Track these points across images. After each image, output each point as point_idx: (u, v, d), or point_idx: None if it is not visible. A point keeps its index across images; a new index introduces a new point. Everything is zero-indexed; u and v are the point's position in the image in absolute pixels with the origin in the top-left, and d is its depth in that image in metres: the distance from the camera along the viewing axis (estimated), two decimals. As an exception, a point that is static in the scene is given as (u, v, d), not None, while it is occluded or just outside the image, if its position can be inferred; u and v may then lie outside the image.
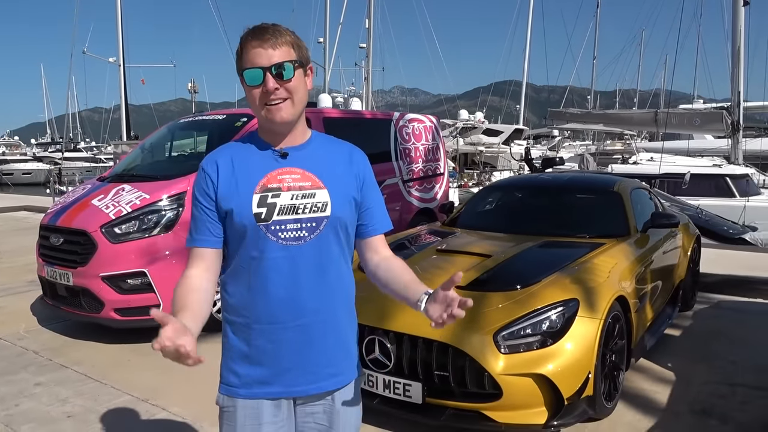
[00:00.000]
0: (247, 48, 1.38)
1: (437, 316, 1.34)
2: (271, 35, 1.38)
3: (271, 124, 1.43)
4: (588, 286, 3.07)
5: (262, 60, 1.36)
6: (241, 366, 1.48)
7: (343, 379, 1.53)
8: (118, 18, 21.24)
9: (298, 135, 1.49)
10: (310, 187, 1.44)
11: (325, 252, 1.45)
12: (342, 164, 1.51)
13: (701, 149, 17.72)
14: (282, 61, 1.37)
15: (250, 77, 1.38)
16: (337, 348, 1.52)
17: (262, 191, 1.42)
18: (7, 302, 5.69)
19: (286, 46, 1.39)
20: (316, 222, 1.43)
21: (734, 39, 13.27)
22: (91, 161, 42.46)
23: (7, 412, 3.32)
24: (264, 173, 1.44)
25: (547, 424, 2.78)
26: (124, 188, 4.60)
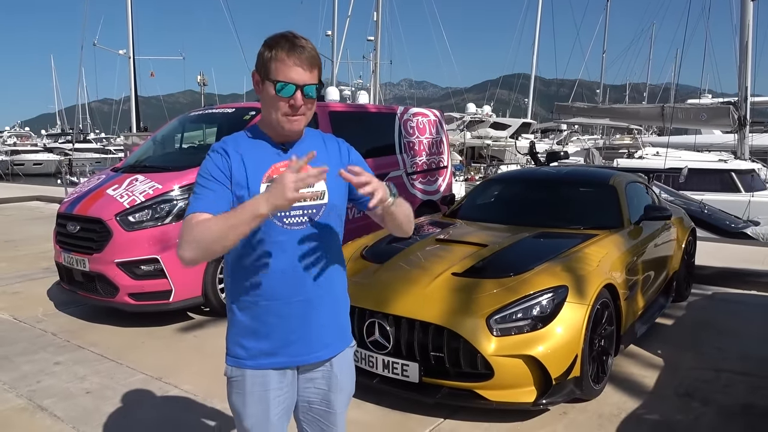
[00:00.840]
0: (284, 61, 1.51)
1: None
2: (308, 56, 1.52)
3: (283, 131, 1.58)
4: (578, 274, 3.24)
5: (297, 77, 1.51)
6: (248, 340, 1.61)
7: (338, 347, 1.70)
8: (128, 10, 21.46)
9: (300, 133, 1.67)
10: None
11: (322, 234, 1.62)
12: (334, 155, 1.68)
13: (708, 144, 17.72)
14: (313, 83, 1.54)
15: (283, 90, 1.51)
16: (334, 320, 1.68)
17: (268, 181, 1.55)
18: (25, 287, 5.92)
19: (316, 68, 1.55)
20: (316, 209, 1.60)
21: (742, 34, 13.28)
22: (101, 152, 42.85)
23: (29, 387, 3.54)
24: (269, 165, 1.58)
25: (536, 403, 2.95)
26: (137, 178, 4.80)
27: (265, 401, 1.63)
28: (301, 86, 1.52)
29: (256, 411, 1.63)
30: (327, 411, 1.71)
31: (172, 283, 4.48)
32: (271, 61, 1.53)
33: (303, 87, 1.52)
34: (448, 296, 3.14)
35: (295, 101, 1.52)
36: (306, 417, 1.74)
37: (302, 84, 1.52)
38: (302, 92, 1.52)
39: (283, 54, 1.51)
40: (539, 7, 39.89)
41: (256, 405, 1.63)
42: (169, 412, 3.21)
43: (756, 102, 17.35)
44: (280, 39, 1.53)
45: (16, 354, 4.09)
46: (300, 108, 1.54)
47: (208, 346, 4.23)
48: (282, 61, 1.51)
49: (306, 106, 1.56)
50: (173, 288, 4.49)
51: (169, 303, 4.53)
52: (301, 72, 1.52)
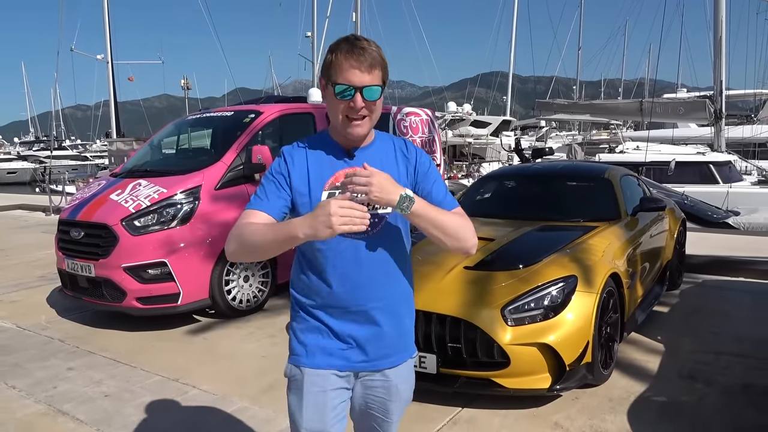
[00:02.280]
0: (343, 64, 1.49)
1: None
2: (367, 58, 1.49)
3: (348, 135, 1.55)
4: (585, 264, 3.36)
5: (355, 79, 1.48)
6: (309, 338, 1.60)
7: (399, 359, 1.67)
8: (105, 15, 21.21)
9: (366, 137, 1.64)
10: None
11: (385, 244, 1.59)
12: (400, 160, 1.64)
13: (685, 137, 18.12)
14: (373, 84, 1.50)
15: (342, 92, 1.49)
16: (395, 331, 1.65)
17: (331, 188, 1.55)
18: (23, 296, 5.88)
19: (377, 69, 1.51)
20: (378, 218, 1.56)
21: (716, 29, 13.63)
22: (78, 159, 42.16)
23: (47, 393, 3.55)
24: (333, 171, 1.57)
25: (551, 389, 3.07)
26: (140, 183, 4.82)
27: (322, 402, 1.60)
28: (360, 88, 1.49)
29: (312, 412, 1.60)
30: (383, 419, 1.71)
31: (180, 286, 4.51)
32: (332, 65, 1.52)
33: (362, 89, 1.49)
34: (463, 289, 3.24)
35: (355, 104, 1.50)
36: (361, 421, 1.74)
37: (360, 86, 1.49)
38: (362, 94, 1.50)
39: (341, 57, 1.50)
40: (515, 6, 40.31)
41: (312, 405, 1.60)
42: (191, 412, 3.26)
43: (731, 95, 17.80)
44: (341, 42, 1.52)
45: (26, 361, 4.09)
46: (360, 110, 1.51)
47: (219, 347, 4.27)
48: (340, 64, 1.50)
49: (368, 108, 1.53)
50: (181, 291, 4.52)
51: (178, 306, 4.56)
52: (359, 74, 1.49)
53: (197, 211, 4.63)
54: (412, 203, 1.46)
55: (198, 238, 4.61)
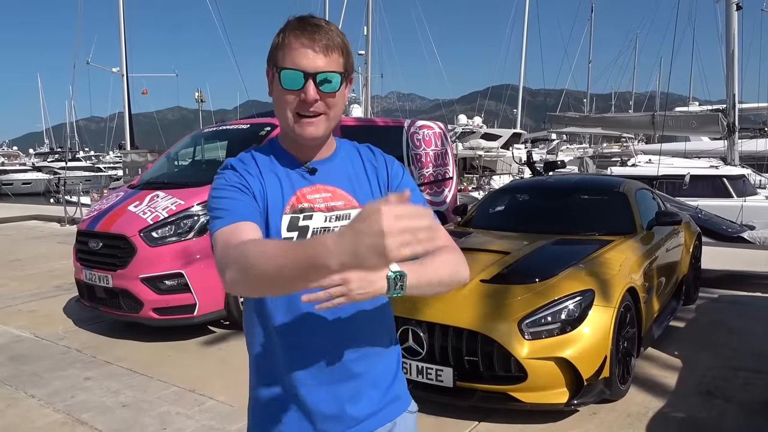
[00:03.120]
0: (292, 43, 1.16)
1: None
2: (324, 36, 1.16)
3: (298, 138, 1.22)
4: (602, 278, 3.36)
5: (307, 63, 1.15)
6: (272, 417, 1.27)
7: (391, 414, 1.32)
8: (121, 30, 21.53)
9: (325, 147, 1.29)
10: (343, 207, 1.26)
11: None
12: (370, 173, 1.34)
13: (698, 151, 18.07)
14: (330, 70, 1.17)
15: (289, 79, 1.16)
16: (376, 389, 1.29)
17: (293, 212, 1.22)
18: (40, 306, 5.95)
19: (336, 52, 1.18)
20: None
21: (728, 42, 13.62)
22: (92, 170, 42.68)
23: (65, 402, 3.59)
24: (292, 192, 1.24)
25: (569, 403, 3.06)
26: (158, 195, 4.88)
27: None
28: (313, 74, 1.15)
29: None
30: None
31: (196, 297, 4.55)
32: (279, 48, 1.18)
33: (315, 75, 1.15)
34: (479, 302, 3.24)
35: (306, 94, 1.15)
36: None
37: (313, 71, 1.15)
38: (314, 82, 1.15)
39: (292, 36, 1.16)
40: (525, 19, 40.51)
41: None
42: (208, 422, 3.28)
43: (744, 109, 17.72)
44: (291, 20, 1.20)
45: (44, 370, 4.13)
46: (314, 104, 1.17)
47: (235, 358, 4.29)
48: (290, 44, 1.16)
49: (324, 102, 1.18)
50: (197, 302, 4.56)
51: (194, 317, 4.60)
52: (311, 55, 1.15)
53: (214, 222, 4.67)
54: (404, 280, 1.07)
55: (214, 250, 4.64)
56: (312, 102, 1.16)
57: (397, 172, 1.35)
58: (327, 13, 27.94)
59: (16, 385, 3.87)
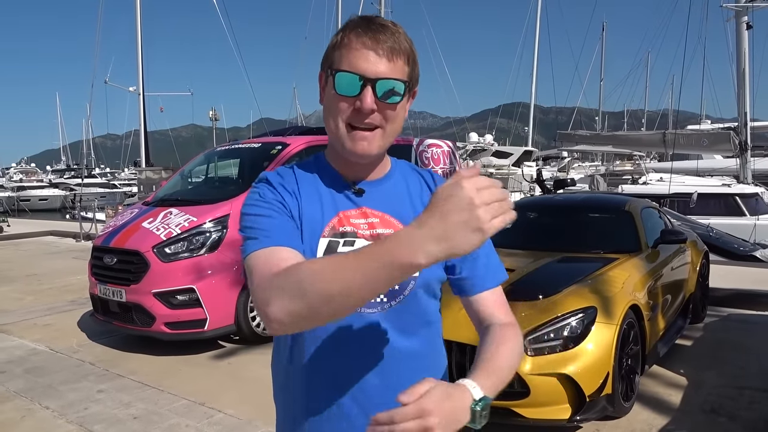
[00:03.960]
0: (353, 42, 1.01)
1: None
2: (390, 38, 1.01)
3: (347, 154, 1.06)
4: (604, 296, 3.40)
5: (367, 66, 0.99)
6: None
7: None
8: (138, 51, 22.01)
9: (378, 166, 1.14)
10: None
11: (407, 324, 1.09)
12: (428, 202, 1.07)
13: (710, 169, 18.00)
14: (393, 77, 1.00)
15: (345, 84, 1.00)
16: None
17: (333, 235, 1.07)
18: (55, 320, 6.07)
19: (402, 58, 1.02)
20: (400, 285, 1.06)
21: (739, 61, 13.66)
22: (107, 187, 43.30)
23: (78, 414, 3.68)
24: (334, 212, 1.09)
25: (571, 419, 3.09)
26: (171, 212, 5.01)
27: None
28: (373, 80, 0.99)
29: None
30: None
31: (207, 312, 4.64)
32: (337, 48, 1.03)
33: (376, 81, 0.99)
34: (483, 318, 3.29)
35: (362, 102, 0.99)
36: None
37: (374, 77, 0.99)
38: (374, 90, 0.99)
39: (352, 35, 1.01)
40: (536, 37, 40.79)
41: None
42: (217, 435, 3.35)
43: (756, 127, 17.65)
44: (354, 18, 1.06)
45: (59, 383, 4.23)
46: (370, 115, 1.01)
47: (244, 372, 4.36)
48: (350, 43, 1.01)
49: (382, 114, 1.02)
50: (208, 317, 4.65)
51: (204, 331, 4.68)
52: (373, 58, 0.99)
53: (225, 239, 4.79)
54: (487, 405, 0.89)
55: (225, 266, 4.75)
56: (368, 112, 1.00)
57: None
58: (339, 33, 28.37)
59: (32, 397, 3.97)
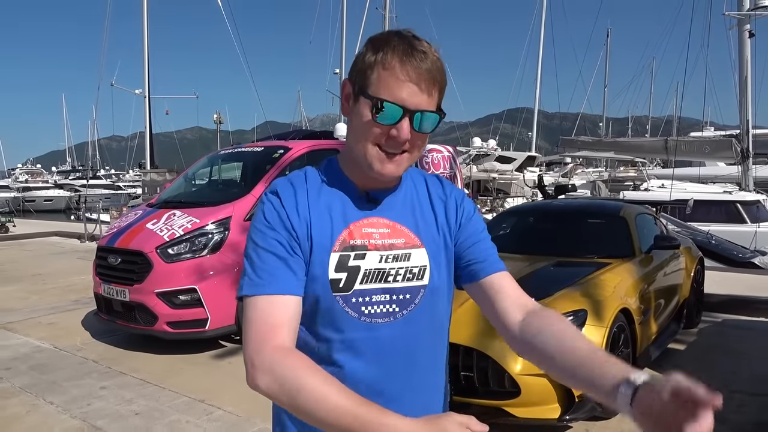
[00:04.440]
0: (394, 69, 1.01)
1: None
2: (432, 68, 1.03)
3: (375, 174, 1.07)
4: (595, 299, 3.49)
5: (408, 99, 1.01)
6: None
7: None
8: (144, 54, 22.22)
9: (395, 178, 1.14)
10: (403, 245, 1.11)
11: (419, 329, 1.11)
12: (437, 206, 1.19)
13: (712, 176, 18.03)
14: (430, 110, 1.04)
15: (388, 115, 1.02)
16: None
17: (343, 249, 1.07)
18: (59, 319, 6.18)
19: (437, 88, 1.05)
20: (411, 293, 1.10)
21: (741, 69, 13.72)
22: (111, 188, 43.54)
23: (81, 410, 3.77)
24: (345, 224, 1.09)
25: (560, 419, 3.17)
26: (175, 213, 5.11)
27: None
28: (412, 112, 1.02)
29: None
30: None
31: (208, 312, 4.74)
32: (374, 68, 1.03)
33: (414, 113, 1.02)
34: (475, 320, 3.38)
35: (399, 132, 1.03)
36: None
37: (414, 109, 1.02)
38: (411, 122, 1.03)
39: (395, 61, 1.01)
40: (541, 43, 40.93)
41: None
42: (217, 431, 3.43)
43: (758, 134, 17.70)
44: (392, 36, 1.04)
45: (62, 379, 4.33)
46: (404, 144, 1.04)
47: (243, 371, 4.43)
48: (391, 70, 1.01)
49: (414, 143, 1.06)
50: (209, 316, 4.75)
51: (205, 331, 4.78)
52: (416, 92, 1.02)
53: (227, 240, 4.89)
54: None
55: (227, 267, 4.85)
56: (403, 141, 1.04)
57: (468, 210, 1.21)
58: (344, 34, 28.55)
59: (36, 393, 4.07)
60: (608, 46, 50.22)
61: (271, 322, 0.99)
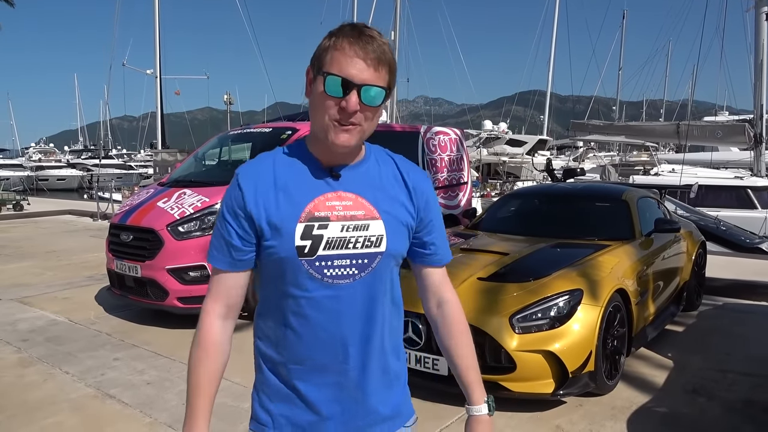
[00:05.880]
0: (346, 50, 1.17)
1: None
2: (377, 49, 1.18)
3: (330, 145, 1.21)
4: (592, 279, 3.57)
5: (356, 73, 1.16)
6: (277, 405, 1.31)
7: (391, 426, 1.35)
8: (156, 34, 22.27)
9: (354, 153, 1.29)
10: (363, 216, 1.25)
11: (375, 290, 1.27)
12: (400, 189, 1.32)
13: (725, 161, 17.88)
14: (376, 84, 1.18)
15: (334, 86, 1.16)
16: (384, 393, 1.33)
17: (308, 220, 1.22)
18: (73, 293, 6.37)
19: (385, 68, 1.19)
20: (368, 258, 1.25)
21: (757, 53, 13.54)
22: (123, 168, 43.89)
23: (95, 379, 3.94)
24: (311, 197, 1.24)
25: (554, 393, 3.28)
26: (185, 192, 5.24)
27: None
28: (359, 85, 1.16)
29: None
30: None
31: (217, 288, 4.87)
32: (328, 51, 1.19)
33: (361, 87, 1.16)
34: (475, 298, 3.49)
35: (348, 104, 1.16)
36: None
37: (360, 83, 1.16)
38: (359, 94, 1.16)
39: (344, 42, 1.17)
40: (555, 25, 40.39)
41: None
42: (225, 400, 3.58)
43: (772, 119, 17.46)
44: (345, 26, 1.22)
45: (77, 351, 4.51)
46: (353, 115, 1.18)
47: (249, 345, 4.55)
48: (341, 50, 1.17)
49: (364, 115, 1.19)
50: (218, 292, 4.88)
51: (214, 306, 4.91)
52: (362, 67, 1.16)
53: (235, 219, 5.00)
54: (491, 398, 1.44)
55: (235, 245, 4.97)
56: (352, 112, 1.17)
57: (425, 189, 1.35)
58: (355, 16, 28.34)
59: (53, 363, 4.24)
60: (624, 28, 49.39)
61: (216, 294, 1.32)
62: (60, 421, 3.34)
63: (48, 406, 3.52)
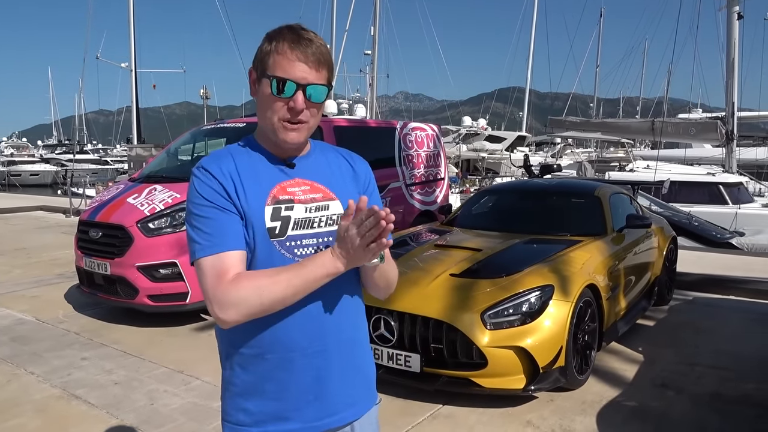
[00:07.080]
0: (285, 53, 1.27)
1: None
2: (317, 51, 1.28)
3: (281, 142, 1.32)
4: (562, 275, 3.59)
5: (299, 74, 1.26)
6: (252, 402, 1.32)
7: (364, 406, 1.43)
8: (130, 25, 21.90)
9: (302, 147, 1.40)
10: (321, 198, 1.36)
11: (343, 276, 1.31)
12: (347, 173, 1.45)
13: (698, 158, 18.22)
14: (319, 83, 1.29)
15: (281, 89, 1.27)
16: (356, 374, 1.41)
17: (275, 203, 1.31)
18: (42, 292, 6.22)
19: (325, 68, 1.30)
20: (332, 236, 1.33)
21: (728, 52, 13.77)
22: (99, 163, 43.10)
23: (62, 379, 3.85)
24: (272, 185, 1.33)
25: (525, 389, 3.29)
26: (156, 188, 5.14)
27: None
28: (304, 86, 1.27)
29: None
30: None
31: (188, 286, 4.80)
32: (270, 55, 1.28)
33: (306, 87, 1.27)
34: (447, 294, 3.48)
35: (295, 103, 1.27)
36: None
37: (305, 83, 1.27)
38: (304, 93, 1.27)
39: (285, 46, 1.27)
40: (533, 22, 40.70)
41: None
42: (194, 400, 3.53)
43: (743, 117, 17.83)
44: (283, 29, 1.30)
45: (44, 350, 4.40)
46: (301, 113, 1.29)
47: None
48: (283, 54, 1.26)
49: (310, 112, 1.30)
50: (190, 290, 4.81)
51: (186, 304, 4.85)
52: (305, 69, 1.27)
53: (207, 215, 4.93)
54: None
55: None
56: (300, 111, 1.27)
57: (367, 173, 1.49)
58: (335, 13, 28.19)
59: (17, 363, 4.14)
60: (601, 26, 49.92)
61: (222, 268, 1.23)
62: (22, 423, 3.26)
63: (11, 408, 3.43)
